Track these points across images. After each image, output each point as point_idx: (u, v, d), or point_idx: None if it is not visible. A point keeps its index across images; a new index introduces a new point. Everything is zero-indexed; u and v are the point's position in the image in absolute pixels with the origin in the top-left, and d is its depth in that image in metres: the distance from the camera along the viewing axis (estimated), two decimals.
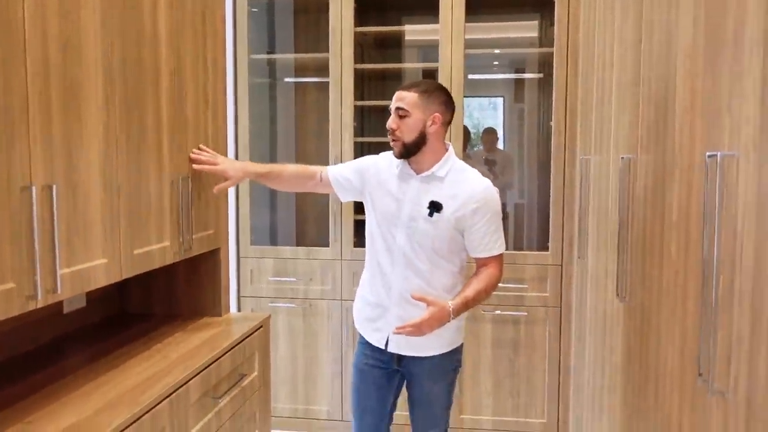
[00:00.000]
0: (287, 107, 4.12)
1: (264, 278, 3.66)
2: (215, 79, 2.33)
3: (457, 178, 2.17)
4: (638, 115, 2.01)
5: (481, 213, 2.14)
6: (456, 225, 2.14)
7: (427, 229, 2.14)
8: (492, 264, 2.20)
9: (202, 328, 2.28)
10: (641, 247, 1.96)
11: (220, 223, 2.40)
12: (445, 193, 2.15)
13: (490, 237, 2.17)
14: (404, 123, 2.13)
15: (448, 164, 2.19)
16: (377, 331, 2.25)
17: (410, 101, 2.13)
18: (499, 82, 4.15)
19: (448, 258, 2.19)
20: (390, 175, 2.24)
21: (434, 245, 2.15)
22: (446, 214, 2.13)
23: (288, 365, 3.69)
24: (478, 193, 2.15)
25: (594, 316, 2.69)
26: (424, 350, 2.21)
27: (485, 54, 3.84)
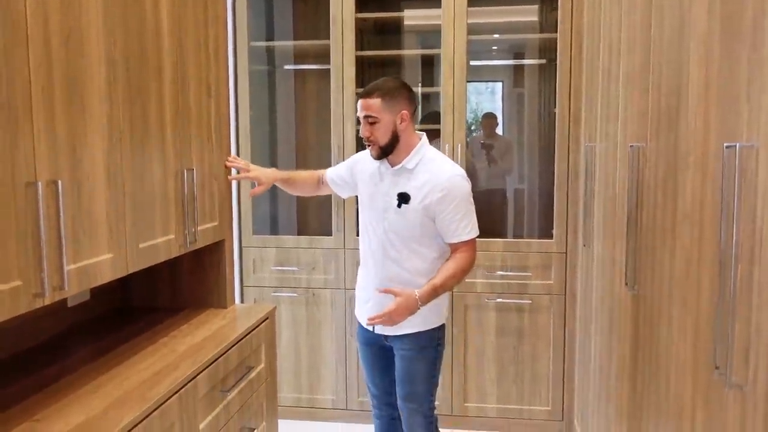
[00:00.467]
0: (287, 95, 4.08)
1: (266, 268, 3.64)
2: (217, 68, 2.30)
3: (424, 169, 2.26)
4: (648, 102, 1.98)
5: (447, 201, 2.22)
6: (425, 213, 2.24)
7: (398, 220, 2.26)
8: (462, 249, 2.27)
9: (207, 320, 2.26)
10: (651, 237, 1.94)
11: (224, 214, 2.37)
12: (413, 184, 2.25)
13: (458, 224, 2.24)
14: (376, 128, 2.23)
15: (417, 156, 2.28)
16: (367, 312, 2.36)
17: (376, 107, 2.22)
18: (499, 68, 4.11)
19: (423, 244, 2.28)
20: (372, 168, 2.37)
21: (407, 234, 2.26)
22: (413, 204, 2.23)
23: (291, 355, 3.68)
24: (443, 182, 2.22)
25: (600, 305, 2.68)
26: (400, 328, 2.29)
27: (486, 39, 3.80)
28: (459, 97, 3.41)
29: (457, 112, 3.42)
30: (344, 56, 3.47)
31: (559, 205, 3.41)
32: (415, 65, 3.99)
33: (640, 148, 2.04)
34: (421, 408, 2.39)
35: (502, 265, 3.44)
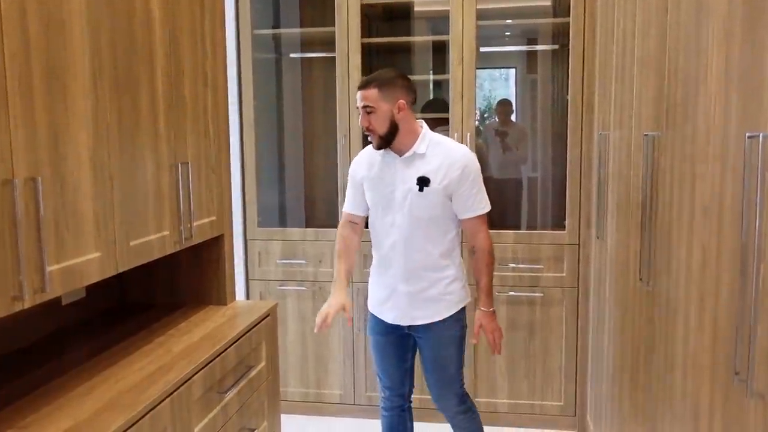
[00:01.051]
0: (294, 84, 4.00)
1: (272, 261, 3.58)
2: (214, 56, 2.22)
3: (436, 151, 2.34)
4: (663, 89, 1.88)
5: (464, 177, 2.32)
6: (444, 193, 2.32)
7: (420, 203, 2.32)
8: (477, 227, 2.38)
9: (206, 318, 2.19)
10: (667, 230, 1.84)
11: (223, 208, 2.30)
12: (430, 167, 2.32)
13: (474, 198, 2.34)
14: (373, 118, 2.28)
15: (425, 141, 2.35)
16: (390, 310, 2.43)
17: (372, 97, 2.27)
18: (512, 54, 3.99)
19: (443, 225, 2.37)
20: (374, 165, 2.42)
21: (430, 216, 2.33)
22: (434, 185, 2.30)
23: (298, 349, 3.62)
24: (458, 160, 2.32)
25: (613, 300, 2.59)
26: (428, 318, 2.40)
27: (497, 25, 3.68)
28: (468, 84, 3.31)
29: (467, 100, 3.32)
30: (350, 43, 3.37)
31: (572, 195, 3.31)
32: (425, 52, 3.88)
33: (655, 137, 1.94)
34: (452, 388, 2.48)
35: (513, 257, 3.35)
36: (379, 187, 2.39)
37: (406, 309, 2.40)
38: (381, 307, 2.48)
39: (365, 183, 2.44)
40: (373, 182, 2.41)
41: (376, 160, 2.41)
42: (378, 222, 2.42)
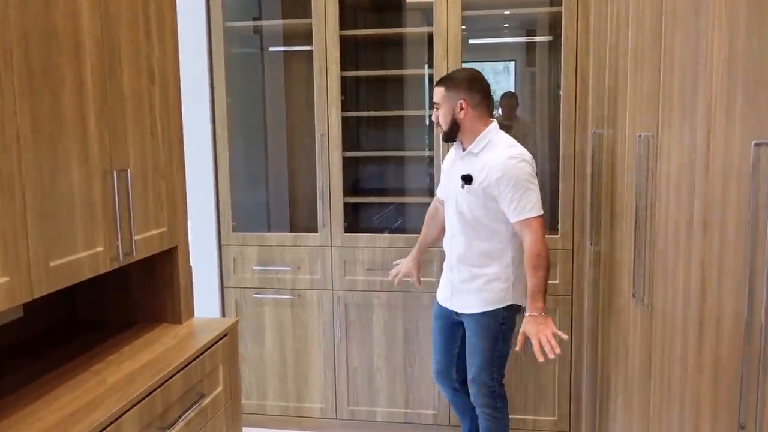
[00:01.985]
0: (275, 79, 3.78)
1: (248, 267, 3.37)
2: (163, 48, 2.00)
3: (488, 153, 2.45)
4: (659, 84, 1.66)
5: (504, 182, 2.38)
6: (485, 195, 2.42)
7: (463, 200, 2.48)
8: (524, 231, 2.41)
9: (156, 339, 1.99)
10: (663, 243, 1.63)
11: (176, 218, 2.09)
12: (476, 167, 2.45)
13: (516, 203, 2.39)
14: (440, 114, 2.50)
15: (483, 141, 2.48)
16: (441, 290, 2.71)
17: (439, 95, 2.49)
18: (505, 46, 3.76)
19: (489, 225, 2.48)
20: (452, 157, 2.64)
21: (474, 215, 2.47)
22: (475, 185, 2.43)
23: (276, 361, 3.42)
24: (499, 164, 2.40)
25: (607, 316, 2.37)
26: (467, 308, 2.57)
27: (489, 15, 3.45)
28: None
29: None
30: (327, 35, 3.16)
31: (565, 197, 3.09)
32: (418, 45, 3.64)
33: (650, 138, 1.72)
34: (480, 377, 2.56)
35: None
36: (445, 177, 2.64)
37: (448, 293, 2.62)
38: (438, 290, 2.73)
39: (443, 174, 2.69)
40: (445, 172, 2.68)
41: (452, 152, 2.63)
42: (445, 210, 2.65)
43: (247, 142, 3.67)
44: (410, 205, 3.70)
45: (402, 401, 3.34)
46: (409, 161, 3.71)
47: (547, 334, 2.33)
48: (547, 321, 2.39)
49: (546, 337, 2.32)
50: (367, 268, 3.26)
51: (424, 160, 3.63)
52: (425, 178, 3.61)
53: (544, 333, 2.34)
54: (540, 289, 2.40)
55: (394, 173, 3.76)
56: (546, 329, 2.35)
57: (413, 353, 3.30)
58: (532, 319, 2.38)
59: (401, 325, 3.29)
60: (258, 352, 3.43)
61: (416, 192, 3.63)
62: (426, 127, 3.59)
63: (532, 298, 2.40)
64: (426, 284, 3.16)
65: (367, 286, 3.27)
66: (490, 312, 2.53)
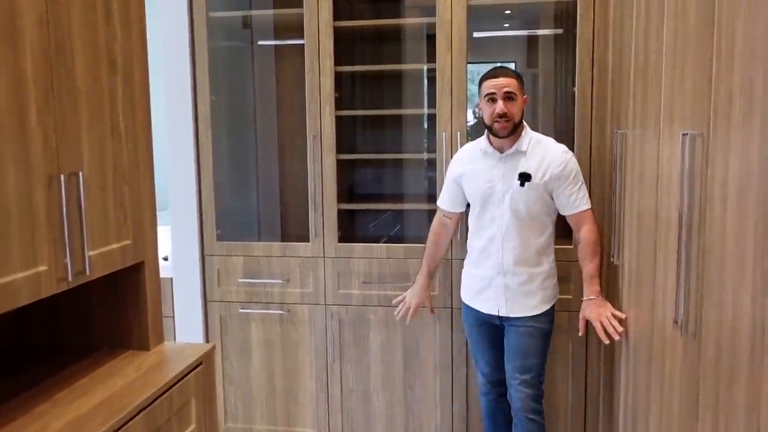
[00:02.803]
0: (265, 76, 3.50)
1: (233, 280, 3.10)
2: (128, 35, 1.73)
3: (537, 149, 2.47)
4: (710, 75, 1.39)
5: (566, 173, 2.43)
6: (545, 188, 2.44)
7: (521, 198, 2.44)
8: (584, 220, 2.48)
9: (117, 371, 1.71)
10: (720, 262, 1.36)
11: (143, 229, 1.81)
12: (531, 164, 2.44)
13: (576, 195, 2.46)
14: (514, 105, 2.42)
15: (527, 139, 2.48)
16: (486, 300, 2.57)
17: (515, 85, 2.44)
18: (508, 43, 3.49)
19: (542, 221, 2.49)
20: (475, 161, 2.55)
21: (530, 211, 2.45)
22: (535, 181, 2.42)
23: (264, 381, 3.14)
24: (558, 157, 2.45)
25: (637, 341, 2.10)
26: (528, 310, 2.52)
27: (495, 5, 3.18)
28: (458, 75, 2.82)
29: (456, 93, 2.83)
30: (320, 27, 2.89)
31: None
32: (420, 38, 3.36)
33: (700, 137, 1.46)
34: (532, 378, 2.53)
35: None
36: (478, 182, 2.52)
37: (503, 300, 2.52)
38: (476, 298, 2.61)
39: (464, 178, 2.57)
40: (472, 177, 2.54)
41: (476, 156, 2.55)
42: (477, 216, 2.55)
43: (234, 143, 3.40)
44: (409, 211, 3.42)
45: (401, 426, 3.06)
46: (409, 165, 3.44)
47: (608, 315, 2.33)
48: (605, 303, 2.40)
49: (607, 318, 2.32)
50: (363, 280, 2.99)
51: (425, 164, 3.35)
52: (426, 182, 3.33)
53: (605, 315, 2.33)
54: (598, 272, 2.47)
55: (393, 177, 3.48)
56: (605, 311, 2.35)
57: (413, 374, 3.03)
58: (591, 302, 2.43)
59: (400, 343, 3.02)
60: (244, 371, 3.15)
61: (416, 198, 3.35)
62: (426, 127, 3.32)
63: (590, 282, 2.45)
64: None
65: (363, 301, 3.00)
66: (545, 312, 2.54)
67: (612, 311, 2.33)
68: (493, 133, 2.46)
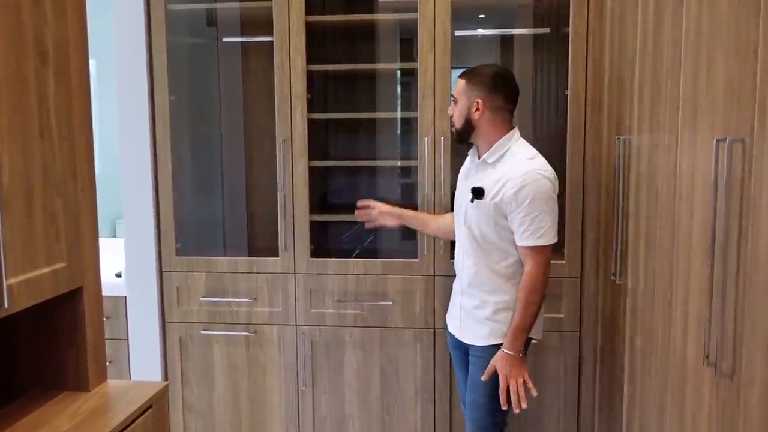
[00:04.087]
0: (232, 75, 3.22)
1: (194, 298, 2.82)
2: (61, 18, 1.46)
3: (505, 164, 2.15)
4: (753, 70, 1.18)
5: (519, 198, 2.07)
6: (497, 211, 2.12)
7: (472, 216, 2.19)
8: (529, 259, 2.11)
9: (48, 419, 1.43)
10: (765, 290, 1.15)
11: (81, 249, 1.53)
12: (491, 179, 2.15)
13: (526, 226, 2.07)
14: (456, 109, 2.21)
15: (500, 151, 2.17)
16: (452, 319, 2.38)
17: (458, 87, 2.20)
18: (491, 44, 3.27)
19: (500, 247, 2.17)
20: (468, 165, 2.33)
21: (482, 232, 2.17)
22: (486, 199, 2.14)
23: (229, 409, 2.87)
24: (517, 178, 2.07)
25: (644, 368, 1.88)
26: (477, 339, 2.25)
27: (475, 4, 2.96)
28: (441, 75, 2.60)
29: (439, 95, 2.61)
30: (291, 20, 2.64)
31: (573, 216, 2.61)
32: (398, 35, 3.12)
33: (737, 143, 1.24)
34: (481, 422, 2.25)
35: None
36: (458, 187, 2.33)
37: (458, 322, 2.32)
38: (448, 316, 2.44)
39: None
40: (458, 181, 2.35)
41: (469, 158, 2.34)
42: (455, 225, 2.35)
43: (197, 148, 3.12)
44: None
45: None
46: (386, 172, 3.19)
47: (518, 380, 2.10)
48: (523, 365, 2.13)
49: (517, 382, 2.10)
50: (338, 299, 2.74)
51: (406, 171, 3.12)
52: (406, 191, 3.09)
53: (516, 378, 2.10)
54: (526, 327, 2.12)
55: (369, 186, 3.23)
56: (519, 374, 2.11)
57: (392, 399, 2.79)
58: (508, 357, 2.12)
59: (378, 366, 2.78)
60: (207, 399, 2.87)
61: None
62: (407, 132, 3.09)
63: (513, 336, 2.11)
64: (409, 319, 2.69)
65: (338, 321, 2.75)
66: (494, 346, 2.20)
67: (526, 378, 2.10)
68: None
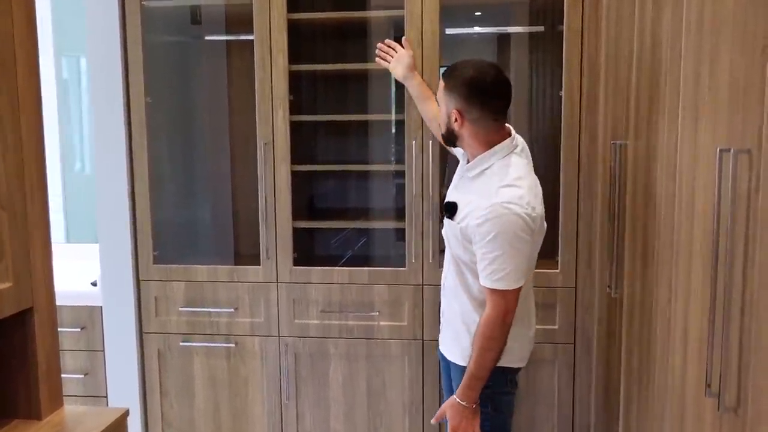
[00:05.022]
0: (215, 75, 3.10)
1: (173, 308, 2.71)
2: (4, 16, 1.34)
3: (481, 184, 1.87)
4: (763, 72, 1.06)
5: (481, 232, 1.79)
6: (463, 236, 1.88)
7: (446, 232, 2.00)
8: (487, 300, 1.84)
9: None
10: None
11: (32, 266, 1.41)
12: (466, 198, 1.90)
13: (485, 264, 1.80)
14: (440, 113, 1.97)
15: (482, 165, 1.88)
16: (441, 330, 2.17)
17: (439, 91, 1.93)
18: (482, 41, 3.15)
19: (470, 269, 1.92)
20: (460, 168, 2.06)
21: (455, 252, 1.96)
22: (456, 220, 1.91)
23: (209, 424, 2.76)
24: (482, 208, 1.79)
25: (641, 389, 1.77)
26: (450, 354, 2.07)
27: (465, 1, 2.84)
28: (430, 75, 2.47)
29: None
30: (272, 18, 2.52)
31: (567, 224, 2.50)
32: (387, 33, 2.99)
33: (743, 154, 1.12)
34: None
35: None
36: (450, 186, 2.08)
37: (442, 333, 2.13)
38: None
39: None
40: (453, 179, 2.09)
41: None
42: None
43: (176, 152, 3.00)
44: (376, 230, 3.06)
45: None
46: (376, 176, 3.07)
47: (467, 428, 1.90)
48: (475, 418, 1.91)
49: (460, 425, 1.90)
50: (322, 309, 2.63)
51: (393, 175, 3.00)
52: (395, 196, 2.97)
53: (464, 427, 1.90)
54: (481, 376, 1.87)
55: (356, 191, 3.11)
56: (470, 426, 1.90)
57: (379, 413, 2.68)
58: (459, 407, 1.89)
59: (364, 379, 2.67)
60: (186, 413, 2.76)
61: (384, 214, 2.99)
62: (395, 134, 2.97)
63: (467, 385, 1.88)
64: (390, 330, 2.58)
65: (322, 332, 2.64)
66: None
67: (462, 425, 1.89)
68: None
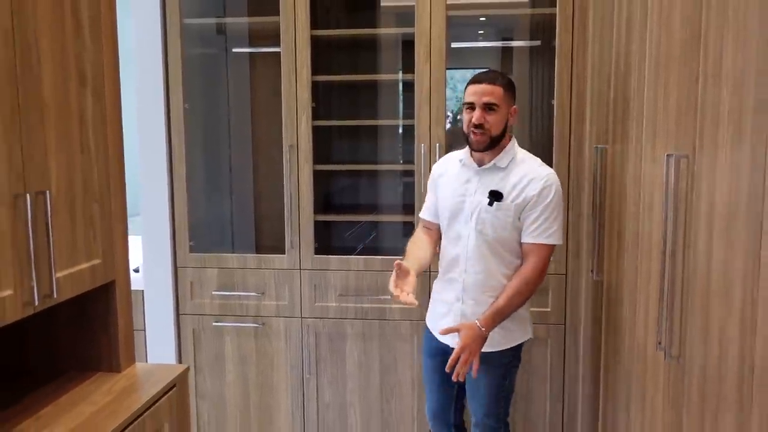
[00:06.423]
0: (240, 84, 3.44)
1: (207, 292, 3.03)
2: (98, 46, 1.66)
3: (518, 168, 2.20)
4: (697, 95, 1.38)
5: (542, 197, 2.15)
6: (516, 211, 2.17)
7: (488, 219, 2.18)
8: (533, 255, 2.17)
9: (86, 396, 1.64)
10: (705, 286, 1.35)
11: (114, 247, 1.74)
12: (507, 183, 2.19)
13: (540, 224, 2.16)
14: (493, 117, 2.16)
15: (509, 155, 2.22)
16: (437, 325, 2.31)
17: (499, 94, 2.16)
18: (486, 52, 3.48)
19: (512, 249, 2.21)
20: (453, 171, 2.32)
21: (497, 236, 2.19)
22: (506, 202, 2.17)
23: (238, 396, 3.07)
24: (542, 178, 2.17)
25: (616, 356, 2.08)
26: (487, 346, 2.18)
27: (470, 17, 3.17)
28: (437, 86, 2.79)
29: (435, 104, 2.80)
30: (297, 35, 2.84)
31: None
32: (393, 49, 3.33)
33: (683, 159, 1.44)
34: (486, 420, 2.34)
35: None
36: (449, 193, 2.29)
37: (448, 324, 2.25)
38: (434, 322, 2.35)
39: (439, 186, 2.36)
40: (445, 186, 2.32)
41: (454, 165, 2.33)
42: (444, 230, 2.33)
43: (208, 153, 3.33)
44: (387, 223, 3.39)
45: None
46: (387, 175, 3.40)
47: (473, 352, 2.10)
48: (482, 343, 2.14)
49: (469, 355, 2.09)
50: (340, 293, 2.94)
51: (403, 174, 3.33)
52: (404, 193, 3.30)
53: (472, 350, 2.09)
54: (505, 314, 2.15)
55: (369, 188, 3.44)
56: (477, 348, 2.11)
57: (390, 388, 2.99)
58: (477, 332, 2.11)
59: (377, 356, 2.98)
60: (218, 387, 3.08)
61: (394, 209, 3.32)
62: (402, 136, 3.29)
63: (491, 316, 2.12)
64: (401, 311, 2.88)
65: (340, 314, 2.96)
66: (506, 350, 2.27)
67: (477, 357, 2.10)
68: (469, 145, 2.22)
